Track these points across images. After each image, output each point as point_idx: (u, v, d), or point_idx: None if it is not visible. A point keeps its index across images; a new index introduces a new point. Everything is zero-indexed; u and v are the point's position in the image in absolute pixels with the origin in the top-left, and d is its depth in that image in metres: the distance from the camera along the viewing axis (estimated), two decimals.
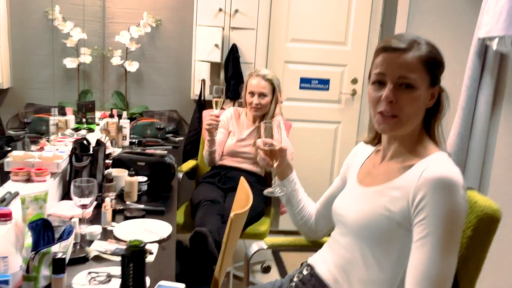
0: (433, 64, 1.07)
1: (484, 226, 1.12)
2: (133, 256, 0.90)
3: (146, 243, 0.94)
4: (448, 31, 2.99)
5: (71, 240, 1.20)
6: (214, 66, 2.96)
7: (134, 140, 2.70)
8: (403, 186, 1.05)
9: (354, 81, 3.23)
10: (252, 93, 2.46)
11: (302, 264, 1.33)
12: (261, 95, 2.45)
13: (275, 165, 1.35)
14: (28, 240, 1.11)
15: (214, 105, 2.24)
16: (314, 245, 1.51)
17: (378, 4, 3.15)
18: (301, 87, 3.21)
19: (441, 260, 0.95)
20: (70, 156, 1.77)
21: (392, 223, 1.04)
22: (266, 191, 1.36)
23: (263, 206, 2.40)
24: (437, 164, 1.03)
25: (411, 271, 0.98)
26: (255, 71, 2.51)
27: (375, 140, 1.26)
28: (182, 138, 2.93)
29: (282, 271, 2.78)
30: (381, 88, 1.08)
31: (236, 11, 2.87)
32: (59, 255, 1.06)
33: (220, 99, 2.22)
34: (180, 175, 2.52)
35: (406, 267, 1.02)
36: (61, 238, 1.19)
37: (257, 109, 2.47)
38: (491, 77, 2.21)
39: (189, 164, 2.71)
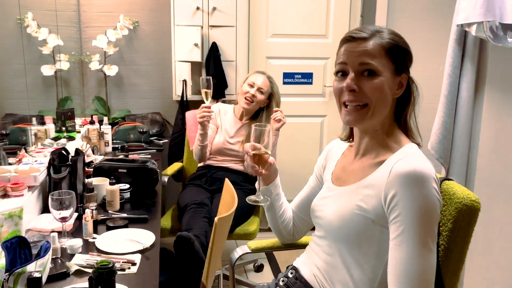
0: (396, 51, 1.05)
1: (464, 218, 1.10)
2: (101, 278, 0.87)
3: (114, 263, 0.90)
4: (429, 18, 2.97)
5: (48, 258, 1.17)
6: (195, 66, 2.92)
7: (117, 146, 2.65)
8: (375, 183, 1.03)
9: None
10: (252, 85, 2.44)
11: (287, 267, 1.31)
12: (259, 90, 2.44)
13: (263, 171, 1.27)
14: (2, 260, 1.08)
15: (204, 97, 2.19)
16: (297, 246, 1.49)
17: None
18: (284, 82, 3.19)
19: (421, 256, 0.94)
20: (48, 168, 1.73)
21: (367, 222, 1.03)
22: (249, 200, 1.30)
23: (251, 205, 2.38)
24: (407, 158, 1.01)
25: (392, 271, 0.97)
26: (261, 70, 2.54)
27: (351, 137, 1.23)
28: (166, 140, 2.89)
29: (275, 269, 2.76)
30: (344, 79, 1.06)
31: (214, 9, 2.83)
32: (34, 275, 1.03)
33: (209, 91, 2.17)
34: (166, 178, 2.49)
35: (385, 263, 1.01)
36: (38, 256, 1.15)
37: (250, 102, 2.44)
38: (472, 63, 2.20)
39: (174, 167, 2.68)
